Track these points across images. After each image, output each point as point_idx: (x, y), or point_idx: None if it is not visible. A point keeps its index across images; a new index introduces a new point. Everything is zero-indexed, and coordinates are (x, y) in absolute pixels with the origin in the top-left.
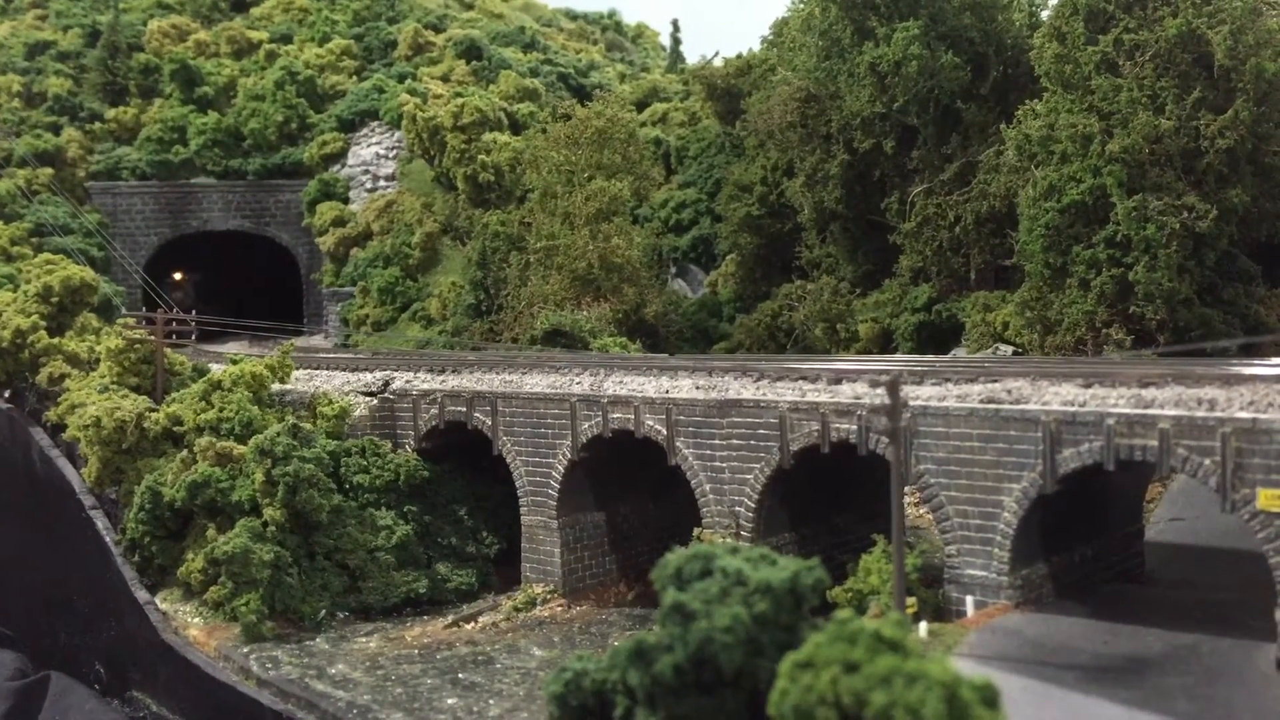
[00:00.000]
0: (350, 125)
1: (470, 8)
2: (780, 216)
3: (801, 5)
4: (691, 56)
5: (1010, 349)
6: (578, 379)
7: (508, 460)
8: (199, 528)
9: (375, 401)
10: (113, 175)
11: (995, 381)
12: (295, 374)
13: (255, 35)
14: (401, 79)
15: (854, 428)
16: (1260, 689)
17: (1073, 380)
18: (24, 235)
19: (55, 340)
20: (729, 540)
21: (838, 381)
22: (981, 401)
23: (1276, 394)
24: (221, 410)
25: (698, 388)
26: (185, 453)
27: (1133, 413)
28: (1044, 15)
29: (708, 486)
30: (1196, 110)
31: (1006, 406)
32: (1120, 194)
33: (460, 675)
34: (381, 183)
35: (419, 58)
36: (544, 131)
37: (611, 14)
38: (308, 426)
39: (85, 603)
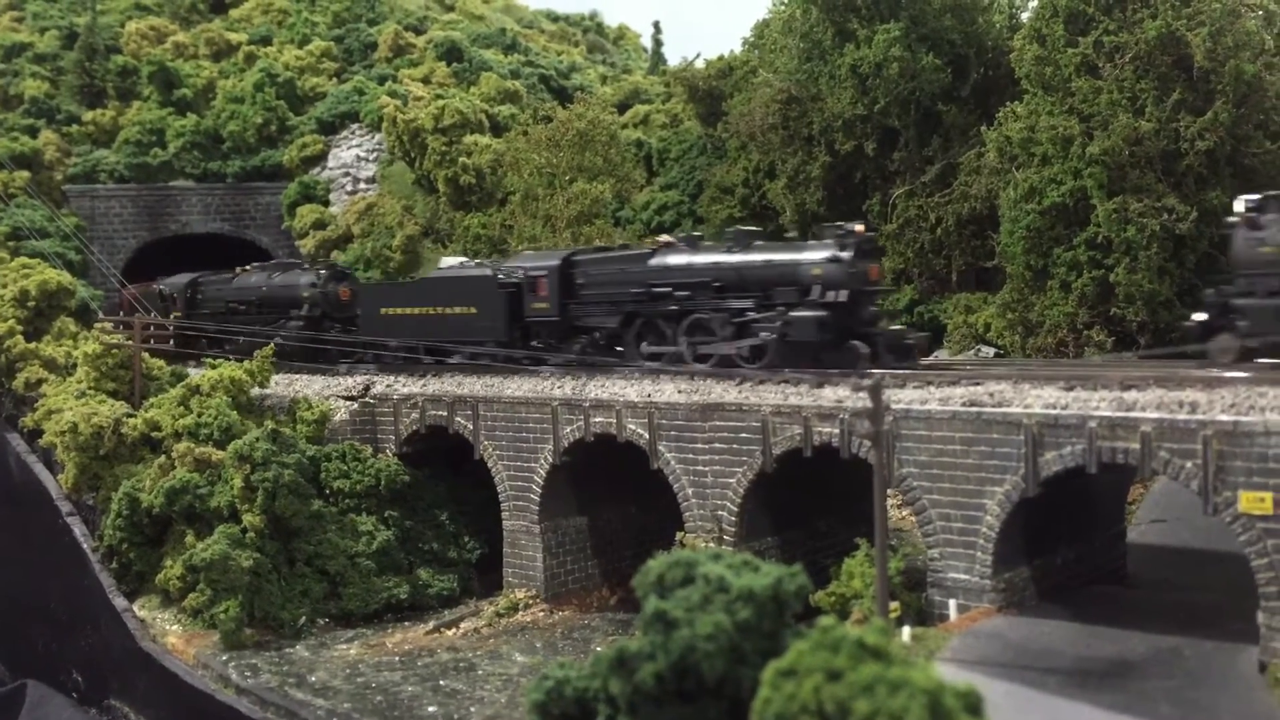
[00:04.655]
0: (330, 127)
1: (451, 9)
2: (762, 218)
3: (782, 7)
4: (673, 58)
5: (992, 350)
6: (559, 382)
7: (489, 465)
8: (177, 534)
9: (356, 406)
10: (90, 178)
11: (977, 384)
12: (275, 378)
13: (234, 37)
14: (382, 81)
15: (836, 431)
16: (1243, 693)
17: (1054, 383)
18: (0, 239)
19: (32, 345)
20: (711, 545)
21: (820, 385)
22: (964, 404)
23: (1258, 396)
24: (200, 415)
25: (680, 391)
26: (163, 458)
27: (1114, 415)
28: (1024, 17)
29: (690, 490)
30: (1176, 112)
31: (989, 409)
32: (1100, 196)
33: (441, 682)
34: (362, 185)
35: (399, 60)
36: (525, 134)
37: (593, 15)
38: (287, 431)
39: (63, 610)
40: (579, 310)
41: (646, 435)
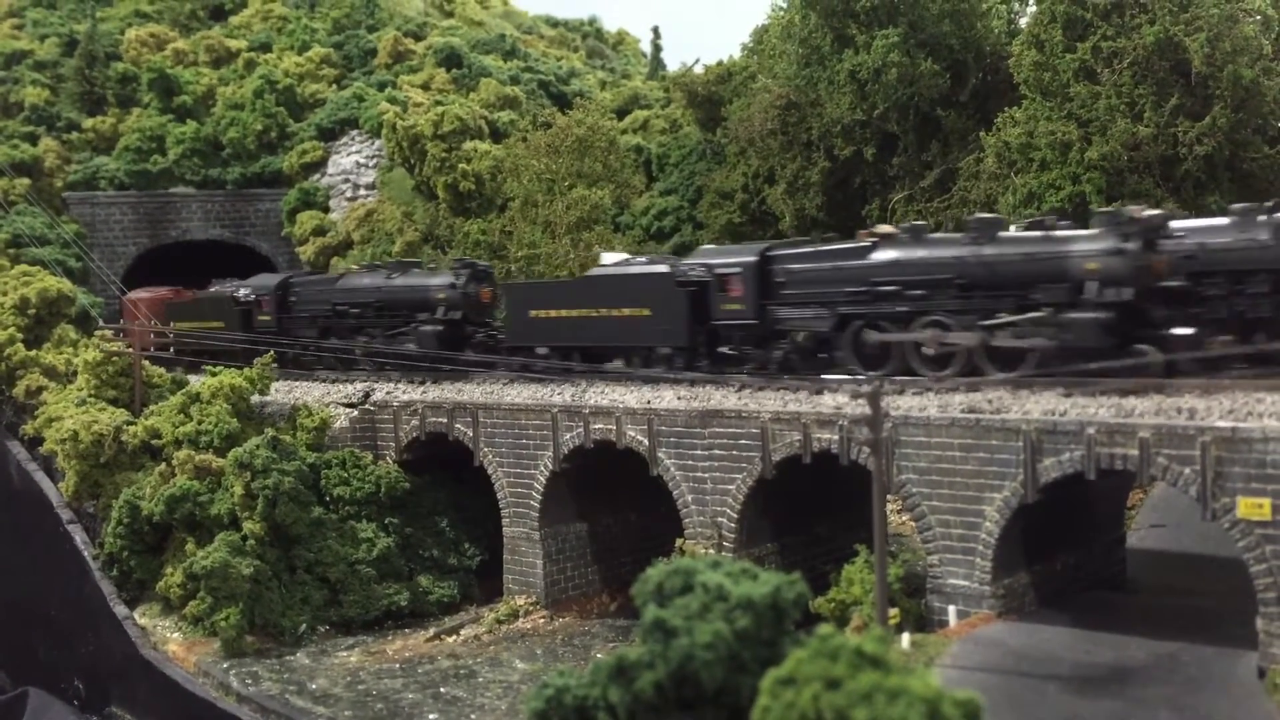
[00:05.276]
0: (330, 134)
1: (450, 15)
2: (762, 224)
3: (781, 12)
4: (672, 64)
5: None
6: (559, 389)
7: (489, 471)
8: (178, 542)
9: (356, 413)
10: (90, 185)
11: (976, 391)
12: (275, 385)
13: (234, 44)
14: (381, 87)
15: (836, 438)
16: (1242, 699)
17: (1053, 389)
18: (1, 246)
19: (32, 353)
20: (711, 551)
21: (819, 392)
22: (963, 411)
23: (1256, 403)
24: (200, 423)
25: (679, 398)
26: (164, 466)
27: (1113, 421)
28: (1022, 23)
29: (690, 497)
30: (1174, 117)
31: (987, 416)
32: (1099, 201)
33: (442, 689)
34: (362, 191)
35: (399, 66)
36: (525, 140)
37: (592, 21)
38: (288, 439)
39: (64, 618)
40: (780, 312)
41: (646, 442)
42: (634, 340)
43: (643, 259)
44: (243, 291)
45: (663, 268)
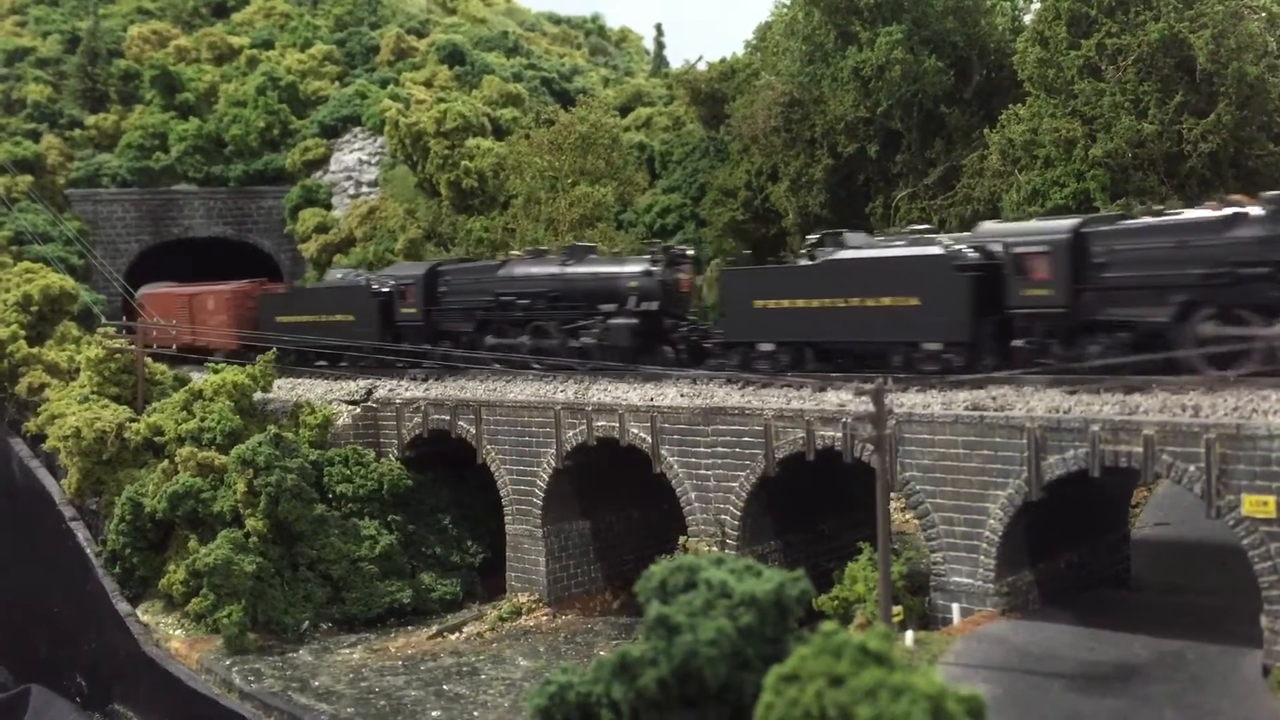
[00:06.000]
0: (333, 131)
1: (453, 12)
2: (765, 221)
3: (784, 9)
4: (675, 61)
5: None
6: (562, 386)
7: (492, 469)
8: (180, 539)
9: (358, 410)
10: (93, 182)
11: (980, 388)
12: (278, 382)
13: (236, 41)
14: (384, 84)
15: (839, 435)
16: (1247, 697)
17: (1057, 387)
18: (3, 244)
19: (35, 350)
20: (714, 549)
21: (823, 389)
22: (966, 408)
23: (1260, 400)
24: (203, 420)
25: (683, 395)
26: (166, 463)
27: (1117, 419)
28: (1026, 20)
29: (693, 494)
30: (1179, 114)
31: (991, 413)
32: (1104, 198)
33: (445, 687)
34: (364, 189)
35: (401, 63)
36: (527, 137)
37: (595, 18)
38: (290, 436)
39: (66, 615)
40: (1099, 298)
41: (649, 439)
42: (893, 335)
43: (900, 239)
44: (374, 280)
45: (934, 249)
